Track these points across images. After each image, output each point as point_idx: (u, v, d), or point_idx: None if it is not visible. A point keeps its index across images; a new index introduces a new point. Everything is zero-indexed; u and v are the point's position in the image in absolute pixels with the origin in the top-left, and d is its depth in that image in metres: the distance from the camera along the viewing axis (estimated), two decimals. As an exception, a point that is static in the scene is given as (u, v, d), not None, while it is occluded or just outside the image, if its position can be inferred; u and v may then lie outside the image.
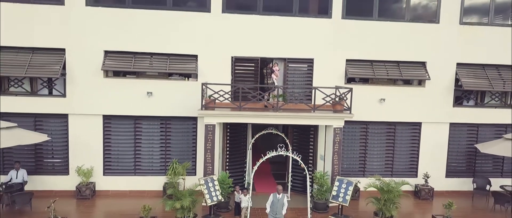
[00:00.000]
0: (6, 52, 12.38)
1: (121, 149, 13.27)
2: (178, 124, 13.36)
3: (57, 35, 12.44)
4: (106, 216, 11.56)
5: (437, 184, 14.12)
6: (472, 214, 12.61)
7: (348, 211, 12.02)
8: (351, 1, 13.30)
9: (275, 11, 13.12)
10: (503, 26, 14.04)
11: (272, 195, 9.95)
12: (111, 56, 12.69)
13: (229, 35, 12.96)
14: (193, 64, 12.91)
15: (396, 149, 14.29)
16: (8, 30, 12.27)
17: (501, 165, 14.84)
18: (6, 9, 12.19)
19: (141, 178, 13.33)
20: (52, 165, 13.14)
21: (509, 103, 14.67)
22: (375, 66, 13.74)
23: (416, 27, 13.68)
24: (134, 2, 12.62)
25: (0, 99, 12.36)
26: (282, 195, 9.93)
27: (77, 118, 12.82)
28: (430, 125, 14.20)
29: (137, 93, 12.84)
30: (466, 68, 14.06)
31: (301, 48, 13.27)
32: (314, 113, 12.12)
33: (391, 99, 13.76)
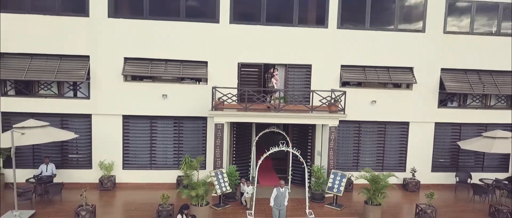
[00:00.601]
0: (36, 59, 13.76)
1: (138, 146, 14.65)
2: (190, 123, 14.73)
3: (83, 44, 13.82)
4: (127, 205, 12.92)
5: (423, 178, 15.50)
6: (453, 204, 13.97)
7: (342, 201, 13.39)
8: (345, 13, 14.68)
9: (277, 21, 14.51)
10: (483, 35, 15.41)
11: (275, 189, 11.13)
12: (130, 62, 14.07)
13: (235, 43, 14.34)
14: (203, 70, 14.29)
15: (386, 146, 15.67)
16: (39, 39, 13.63)
17: (482, 161, 16.22)
18: (37, 20, 13.56)
19: (156, 171, 14.71)
20: (76, 160, 14.52)
21: (489, 105, 16.05)
22: (367, 71, 15.10)
23: (404, 36, 15.06)
24: (151, 14, 13.99)
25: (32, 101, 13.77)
26: (284, 188, 11.20)
27: (99, 117, 14.20)
28: (417, 124, 15.57)
29: (153, 95, 14.22)
30: (449, 73, 15.43)
31: (300, 55, 14.64)
32: (312, 113, 13.47)
33: (381, 101, 15.14)
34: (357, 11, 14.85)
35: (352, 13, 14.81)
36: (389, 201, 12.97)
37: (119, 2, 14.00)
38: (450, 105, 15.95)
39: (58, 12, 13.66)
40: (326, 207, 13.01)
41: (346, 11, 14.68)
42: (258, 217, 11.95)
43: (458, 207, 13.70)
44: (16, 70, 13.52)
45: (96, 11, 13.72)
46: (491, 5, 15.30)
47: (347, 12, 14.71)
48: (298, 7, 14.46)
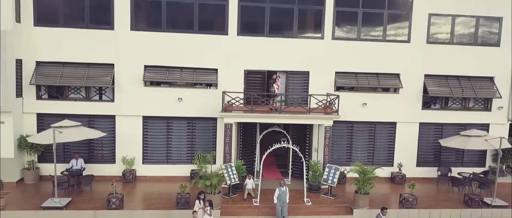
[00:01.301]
0: (67, 67, 15.53)
1: (156, 143, 16.42)
2: (201, 123, 16.49)
3: (108, 53, 15.59)
4: (148, 194, 14.67)
5: (409, 172, 17.25)
6: (434, 194, 15.73)
7: (336, 191, 15.15)
8: (339, 26, 16.45)
9: (278, 33, 16.29)
10: (462, 44, 17.18)
11: (278, 189, 12.72)
12: (149, 69, 15.84)
13: (242, 53, 16.10)
14: (214, 76, 16.06)
15: (376, 143, 17.44)
16: (70, 49, 15.40)
17: (462, 157, 17.96)
18: (68, 33, 15.32)
19: (172, 166, 16.47)
20: (102, 155, 16.29)
21: (468, 107, 17.82)
22: (359, 77, 16.87)
23: (391, 46, 16.82)
24: (168, 27, 15.77)
25: (63, 103, 15.56)
26: (285, 187, 12.88)
27: (122, 118, 15.97)
28: (403, 124, 17.33)
29: (169, 99, 15.99)
30: (432, 78, 17.19)
31: (299, 63, 16.41)
32: (310, 115, 15.23)
33: (371, 104, 16.90)
34: (349, 24, 16.62)
35: (345, 26, 16.58)
36: (377, 192, 14.76)
37: (140, 16, 15.78)
38: (433, 108, 17.72)
39: (87, 26, 15.44)
40: (321, 197, 14.79)
41: (340, 24, 16.46)
42: (263, 203, 13.74)
43: (438, 197, 15.47)
44: (50, 77, 15.30)
45: (120, 25, 15.50)
46: (468, 18, 17.05)
47: (341, 25, 16.49)
48: (297, 21, 16.24)
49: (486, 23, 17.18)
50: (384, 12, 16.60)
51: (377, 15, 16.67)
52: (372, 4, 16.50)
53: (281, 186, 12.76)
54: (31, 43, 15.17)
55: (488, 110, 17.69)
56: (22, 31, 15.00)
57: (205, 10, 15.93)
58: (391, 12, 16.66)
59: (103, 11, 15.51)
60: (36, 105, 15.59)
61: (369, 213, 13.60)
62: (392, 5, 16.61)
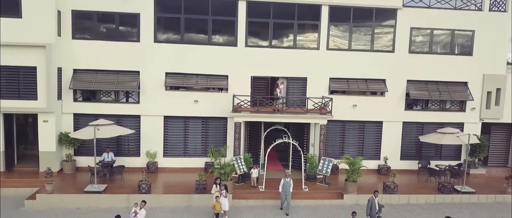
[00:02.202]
0: (100, 74, 17.93)
1: (175, 139, 18.81)
2: (214, 122, 18.87)
3: (134, 62, 17.98)
4: (170, 182, 17.04)
5: (393, 164, 19.60)
6: (414, 183, 18.08)
7: (329, 180, 17.52)
8: (332, 39, 18.84)
9: (280, 45, 18.68)
10: (439, 54, 19.57)
11: (282, 179, 14.83)
12: (170, 76, 18.24)
13: (249, 62, 18.47)
14: (225, 81, 18.46)
15: (365, 140, 19.80)
16: (102, 59, 17.80)
17: (440, 151, 20.33)
18: (101, 45, 17.72)
19: (189, 159, 18.86)
20: (128, 150, 18.69)
21: (445, 108, 20.19)
22: (350, 82, 19.25)
23: (378, 55, 19.19)
24: (186, 40, 18.16)
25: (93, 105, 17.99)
26: (289, 178, 15.13)
27: (146, 118, 18.37)
28: (389, 123, 19.71)
29: (187, 101, 18.37)
30: (413, 83, 19.54)
31: (298, 70, 18.79)
32: (307, 115, 17.60)
33: (361, 105, 19.28)
34: (341, 37, 19.01)
35: (338, 39, 18.97)
36: (365, 181, 17.18)
37: (162, 31, 18.17)
38: (415, 108, 20.08)
39: (116, 39, 17.84)
40: (317, 184, 17.19)
41: (334, 37, 18.85)
42: (267, 190, 16.14)
43: (416, 185, 17.86)
44: (85, 82, 17.71)
45: (145, 38, 17.90)
46: (445, 31, 19.42)
47: (334, 38, 18.89)
48: (297, 35, 18.64)
49: (460, 35, 19.56)
50: (372, 25, 18.99)
51: (365, 29, 19.05)
52: (362, 19, 18.89)
53: (286, 177, 14.89)
54: (69, 53, 17.58)
55: (462, 111, 20.06)
56: (62, 44, 17.40)
57: (217, 25, 18.34)
58: (377, 26, 19.04)
59: (130, 26, 17.94)
60: (73, 107, 18.01)
61: (357, 198, 16.01)
62: (378, 20, 18.99)
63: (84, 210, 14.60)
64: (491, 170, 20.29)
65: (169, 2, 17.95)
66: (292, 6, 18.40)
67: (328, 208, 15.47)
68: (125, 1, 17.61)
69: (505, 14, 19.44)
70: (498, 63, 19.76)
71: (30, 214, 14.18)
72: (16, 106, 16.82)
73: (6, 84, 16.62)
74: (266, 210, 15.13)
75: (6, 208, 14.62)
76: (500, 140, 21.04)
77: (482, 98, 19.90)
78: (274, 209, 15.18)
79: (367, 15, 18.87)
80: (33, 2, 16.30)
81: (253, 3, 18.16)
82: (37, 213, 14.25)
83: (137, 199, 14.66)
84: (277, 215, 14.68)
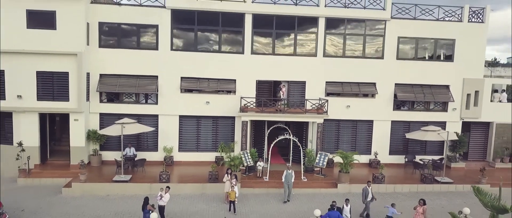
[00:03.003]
0: (123, 78, 20.06)
1: (189, 136, 20.95)
2: (223, 121, 21.00)
3: (153, 68, 20.11)
4: (185, 173, 19.12)
5: (383, 159, 21.71)
6: (400, 175, 20.20)
7: (325, 172, 19.63)
8: (328, 47, 20.97)
9: (282, 53, 20.80)
10: (424, 60, 21.69)
11: (285, 171, 16.85)
12: (185, 80, 20.39)
13: (254, 67, 20.59)
14: (233, 85, 20.59)
15: (357, 136, 21.92)
16: (125, 65, 19.92)
17: (425, 147, 22.44)
18: (124, 53, 19.84)
19: (201, 153, 20.99)
20: (147, 145, 20.85)
21: (429, 109, 22.31)
22: (344, 85, 21.37)
23: (369, 61, 21.29)
24: (199, 48, 20.29)
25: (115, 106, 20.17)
26: (291, 170, 17.22)
27: (163, 117, 20.51)
28: (379, 122, 21.82)
29: (199, 102, 20.50)
30: (400, 86, 21.65)
31: (298, 75, 20.90)
32: (306, 114, 19.72)
33: (354, 106, 21.39)
34: (336, 46, 21.14)
35: (333, 47, 21.10)
36: (358, 173, 19.28)
37: (177, 40, 20.31)
38: (402, 109, 22.19)
39: (138, 47, 20.00)
40: (314, 175, 19.32)
41: (329, 46, 20.98)
42: (271, 179, 18.28)
43: (402, 176, 19.97)
44: (110, 86, 19.86)
45: (163, 47, 20.03)
46: (429, 40, 21.55)
47: (330, 47, 21.02)
48: (297, 44, 20.78)
49: (442, 43, 21.67)
50: (363, 35, 21.12)
51: (358, 38, 21.16)
52: (354, 29, 21.02)
53: (288, 169, 16.97)
54: (96, 60, 19.70)
55: (445, 111, 22.16)
56: (90, 52, 19.53)
57: (226, 35, 20.49)
58: (368, 35, 21.16)
59: (150, 36, 20.09)
60: (99, 107, 20.16)
61: (349, 187, 18.14)
62: (370, 30, 21.12)
63: (113, 197, 16.75)
64: (470, 163, 22.39)
65: (184, 15, 20.08)
66: (292, 18, 20.54)
67: (324, 196, 17.58)
68: (145, 14, 19.76)
69: (482, 25, 21.55)
70: (476, 68, 21.87)
71: (68, 200, 16.33)
72: (51, 107, 18.99)
73: (42, 87, 18.78)
74: (270, 197, 17.26)
75: (47, 194, 16.79)
76: (479, 137, 23.15)
77: (462, 100, 21.99)
78: (277, 196, 17.30)
79: (359, 26, 21.00)
80: (66, 15, 18.45)
81: (258, 16, 20.31)
82: (74, 199, 16.41)
83: (158, 187, 16.75)
84: (280, 201, 16.79)
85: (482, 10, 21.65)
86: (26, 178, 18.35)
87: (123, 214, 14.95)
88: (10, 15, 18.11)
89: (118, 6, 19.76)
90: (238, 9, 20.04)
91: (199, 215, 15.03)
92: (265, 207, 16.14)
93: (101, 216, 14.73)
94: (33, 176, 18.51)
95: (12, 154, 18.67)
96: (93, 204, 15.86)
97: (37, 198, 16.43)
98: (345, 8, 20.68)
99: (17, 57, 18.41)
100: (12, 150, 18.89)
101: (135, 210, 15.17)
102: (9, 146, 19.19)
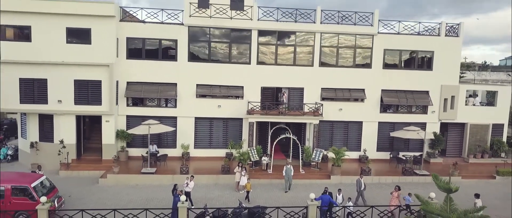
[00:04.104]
0: (146, 85, 22.93)
1: (203, 134, 23.81)
2: (232, 122, 23.85)
3: (173, 76, 22.96)
4: (200, 166, 21.92)
5: (371, 155, 24.52)
6: (385, 169, 23.02)
7: (320, 165, 22.45)
8: (323, 58, 23.84)
9: (283, 63, 23.67)
10: (407, 69, 24.55)
11: (285, 166, 19.77)
12: (200, 87, 23.27)
13: (259, 76, 23.45)
14: (241, 91, 23.46)
15: (349, 135, 24.76)
16: (148, 74, 22.79)
17: (408, 144, 25.29)
18: (148, 63, 22.73)
19: (213, 150, 23.84)
20: (167, 143, 23.72)
21: (411, 111, 25.18)
22: (337, 91, 24.23)
23: (359, 70, 24.15)
24: (212, 60, 23.19)
25: (137, 109, 23.07)
26: (290, 165, 19.95)
27: (181, 118, 23.39)
28: (367, 123, 24.68)
29: (212, 106, 23.36)
30: (386, 92, 24.50)
31: (297, 82, 23.75)
32: (304, 116, 22.58)
33: (345, 109, 24.23)
34: (330, 57, 24.01)
35: (327, 58, 23.98)
36: (348, 167, 22.13)
37: (193, 53, 23.18)
38: (388, 111, 25.06)
39: (159, 58, 22.88)
40: (311, 169, 22.17)
41: (324, 57, 23.86)
42: (274, 172, 21.15)
43: (387, 170, 22.79)
44: (135, 91, 22.73)
45: (181, 59, 22.90)
46: (411, 51, 24.41)
47: (325, 57, 23.90)
48: (296, 55, 23.67)
49: (423, 55, 24.54)
50: (354, 47, 24.00)
51: (349, 50, 24.04)
52: (346, 42, 23.89)
53: (287, 164, 19.81)
54: (124, 70, 22.56)
55: (425, 113, 25.00)
56: (119, 63, 22.38)
57: (236, 48, 23.38)
58: (358, 48, 24.04)
59: (170, 49, 22.98)
60: (126, 110, 23.03)
61: (341, 178, 20.98)
62: (359, 43, 23.99)
63: (142, 186, 19.62)
64: (447, 159, 25.17)
65: (199, 31, 22.96)
66: (292, 33, 23.43)
67: (319, 185, 20.34)
68: (166, 30, 22.65)
69: (457, 39, 24.40)
70: (452, 76, 24.71)
71: (104, 188, 19.22)
72: (86, 110, 21.88)
73: (79, 93, 21.63)
74: (273, 186, 20.11)
75: (86, 184, 19.67)
76: (455, 136, 26.00)
77: (440, 104, 24.83)
78: (279, 186, 20.10)
79: (350, 40, 23.88)
80: (99, 32, 21.32)
81: (263, 31, 23.20)
82: (109, 187, 19.29)
83: (179, 178, 19.65)
84: (281, 190, 19.62)
85: (458, 26, 24.51)
86: (67, 170, 21.22)
87: (153, 200, 17.79)
88: (52, 32, 20.98)
89: (143, 23, 22.66)
90: (246, 26, 22.93)
91: (216, 200, 17.89)
92: (269, 194, 19.00)
93: (134, 201, 17.58)
94: (72, 169, 21.39)
95: (52, 150, 21.60)
96: (126, 192, 18.74)
97: (79, 186, 19.30)
98: (338, 25, 23.55)
99: (58, 68, 21.27)
100: (52, 147, 21.81)
101: (162, 196, 18.00)
102: (49, 144, 22.07)
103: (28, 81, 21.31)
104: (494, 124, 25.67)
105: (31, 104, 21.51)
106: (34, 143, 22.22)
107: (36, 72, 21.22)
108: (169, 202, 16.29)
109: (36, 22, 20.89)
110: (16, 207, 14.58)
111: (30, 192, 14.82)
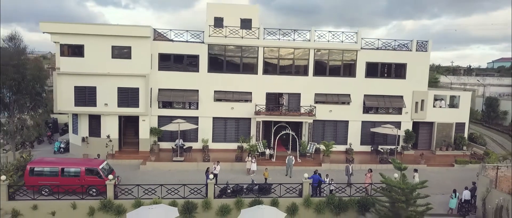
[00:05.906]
0: (174, 92, 27.51)
1: (219, 131, 28.41)
2: (243, 121, 28.40)
3: (195, 84, 27.54)
4: (218, 156, 26.50)
5: (355, 148, 28.94)
6: (367, 159, 27.45)
7: (314, 156, 27.04)
8: (316, 69, 28.47)
9: (284, 73, 28.30)
10: (385, 77, 29.13)
11: (287, 157, 24.44)
12: (217, 92, 27.87)
13: (265, 83, 28.01)
14: (250, 96, 28.04)
15: (337, 132, 29.28)
16: (175, 82, 27.38)
17: (386, 139, 29.78)
18: (176, 74, 27.32)
19: (227, 143, 28.39)
20: (190, 137, 28.35)
21: (389, 112, 29.75)
22: (327, 96, 28.74)
23: (345, 79, 28.65)
24: (227, 70, 27.80)
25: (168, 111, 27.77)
26: (291, 156, 24.50)
27: (202, 118, 27.99)
28: (353, 122, 29.20)
29: (226, 108, 27.93)
30: (368, 96, 29.01)
31: (295, 89, 28.30)
32: (301, 117, 27.19)
33: (335, 110, 28.78)
34: (321, 70, 28.61)
35: (319, 70, 28.54)
36: (337, 157, 26.69)
37: (212, 65, 27.78)
38: (369, 112, 29.59)
39: (184, 70, 27.52)
40: (306, 158, 26.70)
41: (317, 69, 28.46)
42: (276, 161, 25.78)
43: (367, 159, 27.30)
44: (165, 96, 27.33)
45: (202, 69, 27.48)
46: (388, 63, 28.99)
47: (318, 69, 28.50)
48: (295, 68, 28.30)
49: (397, 66, 29.09)
50: (341, 60, 28.61)
51: (337, 62, 28.62)
52: (335, 56, 28.51)
53: (289, 155, 24.47)
54: (156, 79, 27.17)
55: (400, 114, 29.55)
56: (152, 73, 27.00)
57: (246, 61, 28.04)
58: (345, 61, 28.66)
59: (193, 62, 27.62)
60: (158, 111, 27.66)
61: (330, 166, 25.52)
62: (345, 59, 28.58)
63: (174, 171, 24.21)
64: (418, 151, 29.66)
65: (216, 48, 27.59)
66: (291, 49, 28.08)
67: (312, 171, 25.00)
68: (190, 47, 27.28)
69: (426, 53, 28.96)
70: (422, 83, 29.23)
71: (145, 172, 23.83)
72: (127, 111, 26.52)
73: (121, 98, 26.22)
74: (276, 172, 24.62)
75: (129, 169, 24.26)
76: (425, 132, 30.52)
77: (412, 106, 29.35)
78: (281, 171, 24.69)
79: (338, 54, 28.49)
80: (138, 49, 25.91)
81: (268, 49, 27.86)
82: (148, 172, 23.89)
83: (203, 165, 24.15)
84: (282, 175, 24.17)
85: (426, 42, 29.09)
86: (112, 159, 25.82)
87: (183, 181, 22.31)
88: (100, 50, 25.61)
89: (171, 42, 27.33)
90: (254, 44, 27.55)
91: (232, 180, 22.32)
92: (273, 177, 23.52)
93: (170, 181, 22.10)
94: (116, 158, 26.00)
95: (99, 144, 26.25)
96: (162, 175, 23.33)
97: (124, 171, 23.86)
98: (328, 42, 28.16)
99: (105, 78, 25.90)
100: (99, 141, 26.47)
101: (191, 178, 22.43)
102: (97, 138, 26.71)
103: (81, 88, 25.95)
104: (457, 123, 30.20)
105: (83, 107, 26.13)
106: (85, 138, 26.88)
107: (87, 81, 25.85)
108: (196, 182, 20.91)
109: (88, 42, 25.51)
110: (88, 183, 19.24)
111: (98, 172, 19.48)
